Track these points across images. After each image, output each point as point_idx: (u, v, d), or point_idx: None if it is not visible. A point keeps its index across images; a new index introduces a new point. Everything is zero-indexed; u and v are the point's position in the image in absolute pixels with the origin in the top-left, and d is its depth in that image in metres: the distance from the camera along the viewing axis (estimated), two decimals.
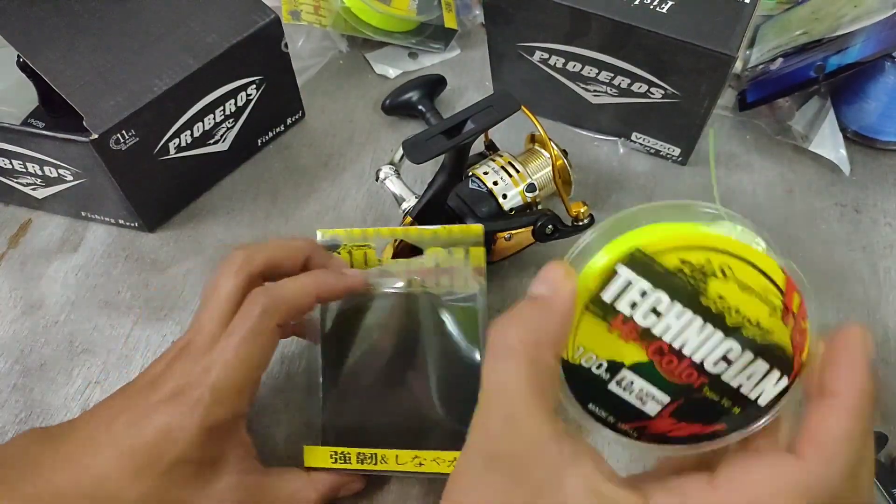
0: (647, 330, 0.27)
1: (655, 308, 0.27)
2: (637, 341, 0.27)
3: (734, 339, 0.27)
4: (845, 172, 0.55)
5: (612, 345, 0.28)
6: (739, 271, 0.26)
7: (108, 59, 0.47)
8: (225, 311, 0.36)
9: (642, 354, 0.27)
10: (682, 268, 0.26)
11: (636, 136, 0.56)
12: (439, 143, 0.40)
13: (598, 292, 0.27)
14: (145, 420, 0.33)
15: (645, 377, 0.28)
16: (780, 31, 0.60)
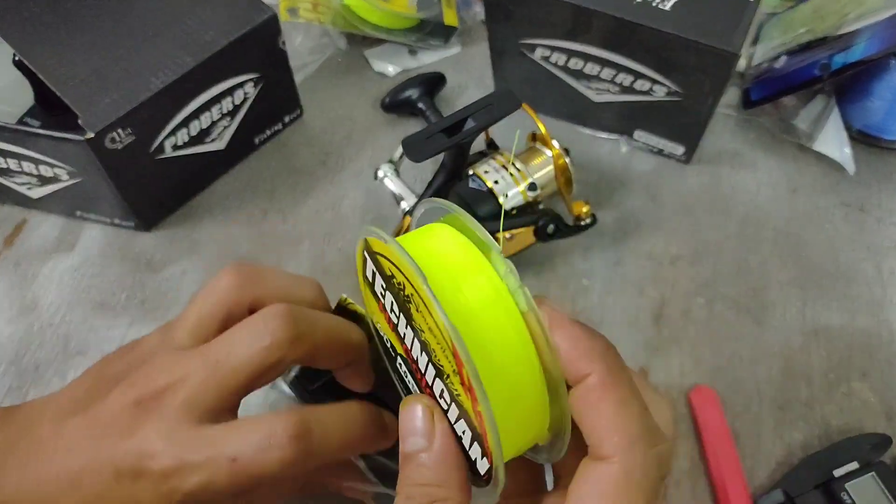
0: (395, 325, 0.25)
1: (392, 308, 0.24)
2: (395, 334, 0.25)
3: (442, 382, 0.23)
4: (850, 171, 0.55)
5: (385, 325, 0.26)
6: (423, 310, 0.22)
7: (104, 57, 0.46)
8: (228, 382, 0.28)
9: (400, 349, 0.25)
10: (392, 277, 0.23)
11: (639, 134, 0.56)
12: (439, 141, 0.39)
13: (364, 270, 0.25)
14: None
15: (410, 374, 0.25)
16: (784, 29, 0.59)
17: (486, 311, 0.22)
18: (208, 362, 0.28)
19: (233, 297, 0.30)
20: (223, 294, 0.30)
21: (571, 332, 0.23)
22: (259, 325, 0.28)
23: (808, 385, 0.46)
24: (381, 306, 0.25)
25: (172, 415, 0.27)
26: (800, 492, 0.41)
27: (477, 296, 0.22)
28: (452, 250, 0.24)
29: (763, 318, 0.49)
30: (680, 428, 0.44)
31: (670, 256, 0.51)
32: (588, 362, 0.23)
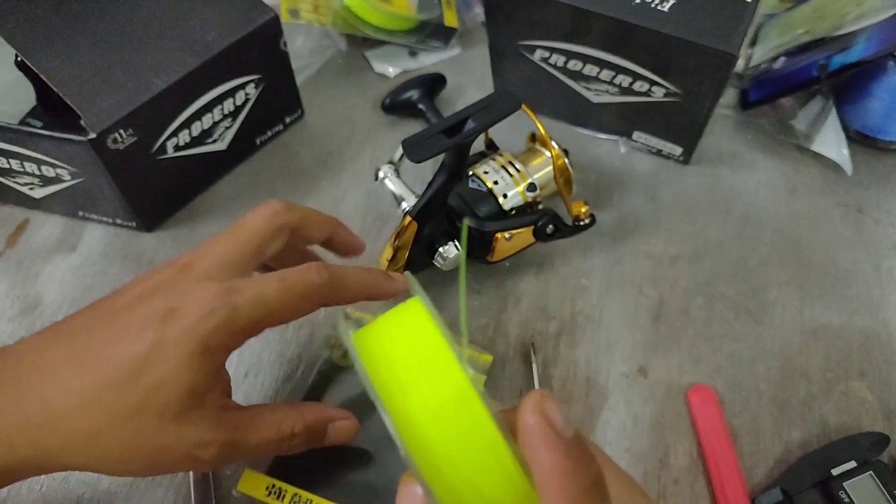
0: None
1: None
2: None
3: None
4: (848, 172, 0.55)
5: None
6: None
7: (106, 58, 0.47)
8: (246, 245, 0.34)
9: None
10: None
11: (638, 135, 0.56)
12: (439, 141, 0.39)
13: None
14: (134, 332, 0.30)
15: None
16: (783, 30, 0.59)
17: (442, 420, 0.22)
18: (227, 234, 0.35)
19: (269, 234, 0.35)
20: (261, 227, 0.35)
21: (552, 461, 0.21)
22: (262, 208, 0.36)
23: (806, 384, 0.46)
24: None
25: (205, 275, 0.33)
26: (798, 490, 0.41)
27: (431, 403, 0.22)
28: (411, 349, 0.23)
29: (762, 318, 0.49)
30: (678, 427, 0.45)
31: (669, 256, 0.52)
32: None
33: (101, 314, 0.32)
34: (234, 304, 0.31)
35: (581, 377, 0.46)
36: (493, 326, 0.48)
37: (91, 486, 0.42)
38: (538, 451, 0.21)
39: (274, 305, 0.32)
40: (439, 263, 0.47)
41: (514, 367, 0.46)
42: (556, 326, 0.48)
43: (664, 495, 0.42)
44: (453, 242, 0.47)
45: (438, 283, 0.50)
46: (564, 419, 0.22)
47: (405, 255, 0.46)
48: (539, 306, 0.49)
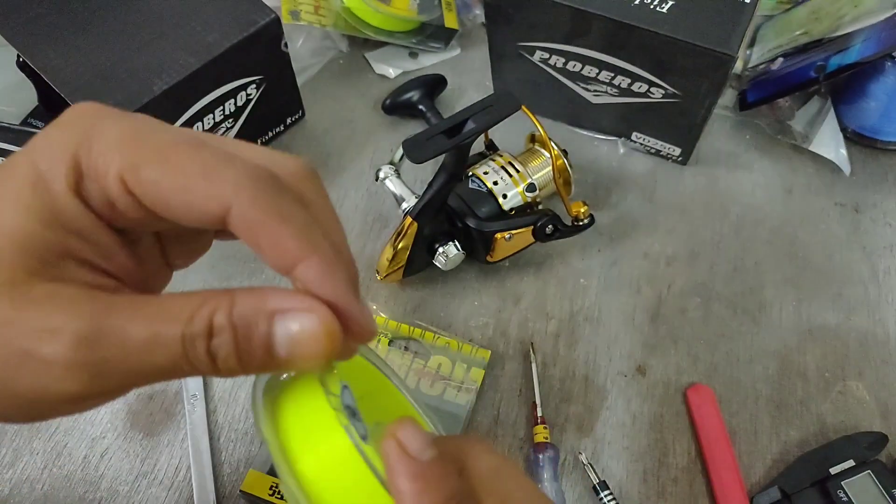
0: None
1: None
2: None
3: None
4: (845, 172, 0.55)
5: None
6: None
7: (108, 59, 0.47)
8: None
9: None
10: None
11: (636, 135, 0.56)
12: (439, 142, 0.40)
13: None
14: None
15: None
16: (781, 31, 0.60)
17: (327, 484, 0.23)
18: None
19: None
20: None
21: (405, 483, 0.21)
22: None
23: (803, 384, 0.46)
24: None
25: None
26: (796, 489, 0.41)
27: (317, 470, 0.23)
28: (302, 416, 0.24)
29: (759, 318, 0.49)
30: (677, 426, 0.45)
31: (667, 256, 0.52)
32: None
33: None
34: (95, 125, 0.21)
35: (580, 376, 0.46)
36: (492, 326, 0.48)
37: (93, 484, 0.42)
38: (393, 475, 0.21)
39: (148, 152, 0.21)
40: (439, 263, 0.48)
41: (514, 367, 0.47)
42: (555, 326, 0.48)
43: (663, 494, 0.42)
44: (453, 242, 0.47)
45: (439, 283, 0.50)
46: (421, 443, 0.21)
47: (405, 255, 0.47)
48: (538, 306, 0.49)
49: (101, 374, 0.19)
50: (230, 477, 0.42)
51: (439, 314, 0.49)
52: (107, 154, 0.20)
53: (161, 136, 0.21)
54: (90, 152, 0.20)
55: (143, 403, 0.45)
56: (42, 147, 0.21)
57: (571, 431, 0.44)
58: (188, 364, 0.20)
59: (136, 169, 0.20)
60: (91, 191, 0.20)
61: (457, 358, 0.46)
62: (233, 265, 0.51)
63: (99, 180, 0.20)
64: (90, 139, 0.20)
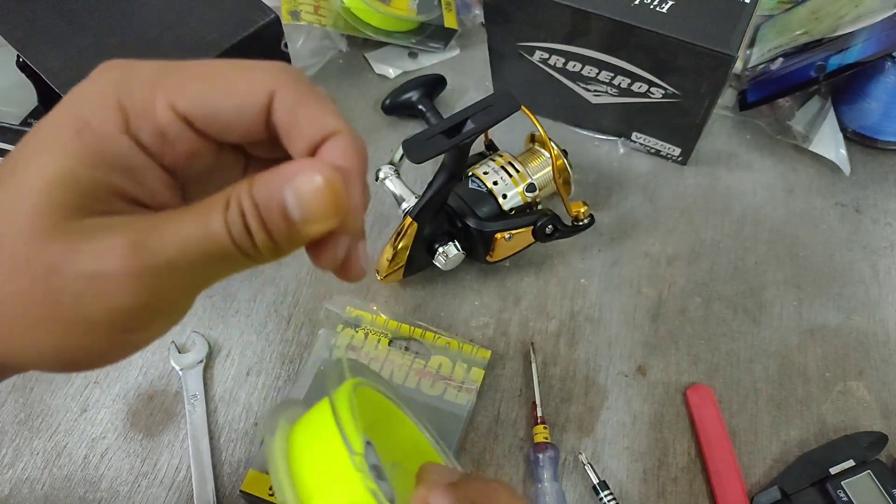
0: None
1: None
2: None
3: None
4: (845, 172, 0.55)
5: None
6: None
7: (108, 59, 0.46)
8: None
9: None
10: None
11: (636, 135, 0.56)
12: (439, 142, 0.40)
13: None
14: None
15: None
16: (781, 31, 0.60)
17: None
18: None
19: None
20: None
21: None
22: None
23: (804, 383, 0.46)
24: None
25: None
26: (796, 489, 0.41)
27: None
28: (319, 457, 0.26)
29: (760, 318, 0.49)
30: (677, 426, 0.45)
31: (667, 256, 0.52)
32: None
33: None
34: (130, 70, 0.22)
35: (580, 376, 0.46)
36: (493, 326, 0.48)
37: (94, 484, 0.42)
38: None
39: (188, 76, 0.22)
40: (439, 263, 0.48)
41: (514, 367, 0.47)
42: (556, 326, 0.48)
43: (663, 494, 0.42)
44: (453, 242, 0.47)
45: (439, 283, 0.50)
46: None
47: (405, 255, 0.47)
48: (539, 306, 0.49)
49: (160, 275, 0.20)
50: (230, 477, 0.42)
51: (439, 314, 0.49)
52: (149, 90, 0.21)
53: (189, 64, 0.22)
54: (132, 93, 0.21)
55: (143, 403, 0.45)
56: (81, 98, 0.22)
57: (571, 431, 0.44)
58: (235, 248, 0.21)
59: (183, 91, 0.21)
60: (140, 128, 0.21)
61: (457, 358, 0.46)
62: None
63: (147, 115, 0.21)
64: (128, 82, 0.21)
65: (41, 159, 0.21)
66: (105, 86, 0.22)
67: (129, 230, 0.20)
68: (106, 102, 0.21)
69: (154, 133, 0.22)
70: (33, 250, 0.20)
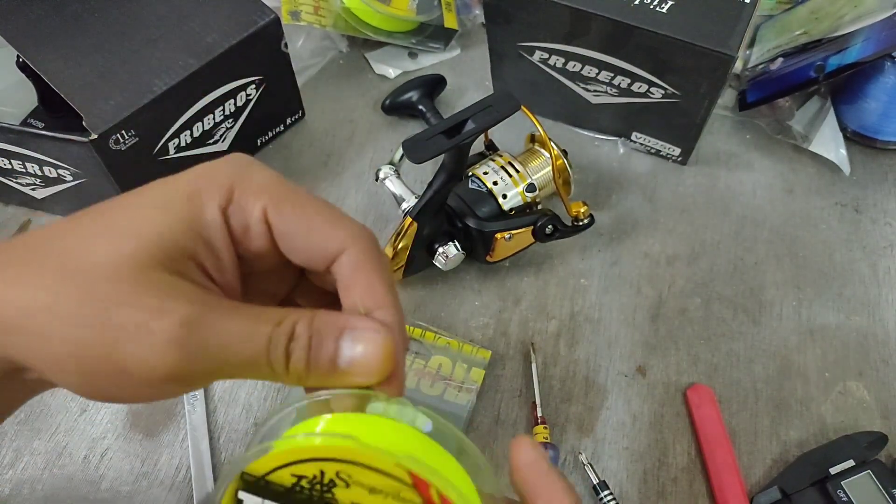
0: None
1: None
2: None
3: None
4: (845, 172, 0.55)
5: None
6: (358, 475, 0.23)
7: (108, 59, 0.47)
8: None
9: None
10: (298, 484, 0.24)
11: (636, 135, 0.56)
12: (439, 142, 0.40)
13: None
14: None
15: None
16: (780, 31, 0.60)
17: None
18: None
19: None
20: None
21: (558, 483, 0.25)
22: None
23: (804, 384, 0.46)
24: None
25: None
26: (796, 489, 0.41)
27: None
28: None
29: (759, 318, 0.49)
30: (677, 426, 0.45)
31: (667, 256, 0.52)
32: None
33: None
34: (249, 168, 0.26)
35: (580, 376, 0.46)
36: (493, 326, 0.48)
37: (94, 484, 0.42)
38: (543, 478, 0.24)
39: (286, 197, 0.25)
40: (439, 263, 0.48)
41: (514, 367, 0.47)
42: (556, 326, 0.48)
43: (663, 494, 0.42)
44: (453, 242, 0.47)
45: (439, 283, 0.50)
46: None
47: (405, 255, 0.47)
48: (539, 306, 0.49)
49: (195, 355, 0.22)
50: None
51: (439, 314, 0.49)
52: (257, 192, 0.25)
53: (297, 188, 0.26)
54: (243, 187, 0.25)
55: (143, 404, 0.45)
56: (204, 174, 0.25)
57: (571, 431, 0.44)
58: (267, 362, 0.23)
59: (279, 206, 0.25)
60: (234, 215, 0.25)
61: (457, 358, 0.46)
62: None
63: (245, 209, 0.25)
64: (245, 178, 0.25)
65: (155, 213, 0.24)
66: (226, 172, 0.25)
67: (190, 303, 0.23)
68: (222, 183, 0.25)
69: (242, 223, 0.25)
70: (107, 284, 0.22)
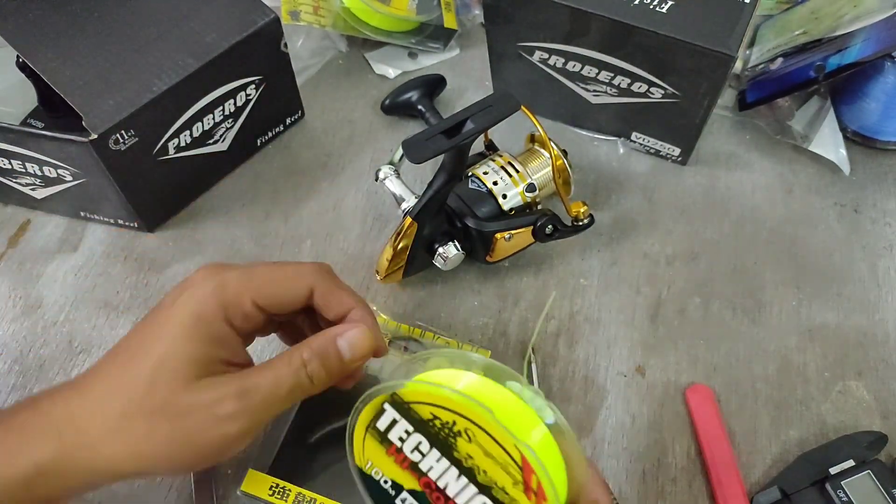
0: (415, 464, 0.29)
1: (418, 447, 0.29)
2: (410, 471, 0.29)
3: (486, 496, 0.28)
4: (845, 172, 0.55)
5: (392, 467, 0.30)
6: (481, 438, 0.27)
7: (108, 59, 0.47)
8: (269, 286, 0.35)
9: (415, 484, 0.29)
10: (433, 419, 0.28)
11: (636, 135, 0.56)
12: (439, 142, 0.40)
13: (373, 421, 0.29)
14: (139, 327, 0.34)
15: (416, 501, 0.29)
16: (780, 31, 0.60)
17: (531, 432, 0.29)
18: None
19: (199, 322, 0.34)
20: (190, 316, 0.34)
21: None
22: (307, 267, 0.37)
23: (803, 383, 0.46)
24: (394, 450, 0.29)
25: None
26: (796, 489, 0.41)
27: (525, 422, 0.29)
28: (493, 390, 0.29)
29: (759, 318, 0.49)
30: (677, 426, 0.45)
31: (667, 256, 0.52)
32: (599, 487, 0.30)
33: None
34: (223, 277, 0.34)
35: (579, 376, 0.46)
36: (492, 326, 0.48)
37: None
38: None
39: (259, 277, 0.34)
40: (439, 263, 0.48)
41: (514, 367, 0.47)
42: (555, 326, 0.48)
43: (662, 494, 0.42)
44: (453, 243, 0.47)
45: (439, 283, 0.50)
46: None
47: (405, 255, 0.47)
48: (538, 306, 0.49)
49: (254, 411, 0.32)
50: (230, 477, 0.42)
51: (439, 314, 0.49)
52: (240, 290, 0.34)
53: (261, 271, 0.35)
54: (227, 295, 0.33)
55: None
56: (195, 298, 0.33)
57: None
58: (299, 389, 0.33)
59: (260, 292, 0.34)
60: (234, 315, 0.34)
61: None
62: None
63: (240, 307, 0.34)
64: (224, 286, 0.33)
65: (175, 341, 0.32)
66: (208, 290, 0.33)
67: (234, 384, 0.32)
68: (211, 301, 0.33)
69: (242, 317, 0.34)
70: (173, 401, 0.31)
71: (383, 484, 0.30)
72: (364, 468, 0.30)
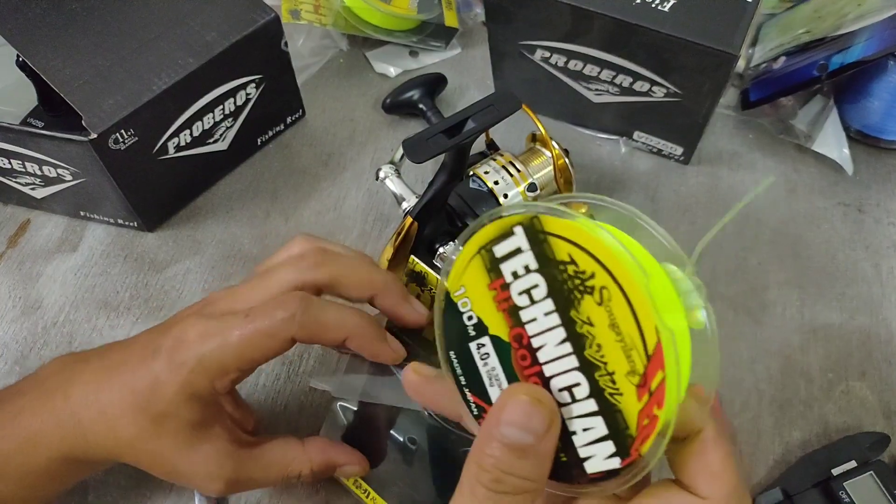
0: (517, 308, 0.24)
1: (531, 291, 0.24)
2: (505, 315, 0.25)
3: (585, 375, 0.24)
4: (848, 172, 0.55)
5: (486, 304, 0.25)
6: (617, 304, 0.22)
7: (107, 59, 0.47)
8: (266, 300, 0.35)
9: (505, 332, 0.25)
10: (567, 263, 0.23)
11: (638, 135, 0.56)
12: (440, 142, 0.40)
13: (493, 242, 0.24)
14: (142, 368, 0.34)
15: (500, 357, 0.25)
16: (783, 30, 0.59)
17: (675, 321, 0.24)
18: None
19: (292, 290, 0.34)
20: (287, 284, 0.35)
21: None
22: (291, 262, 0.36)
23: (806, 384, 0.46)
24: (499, 284, 0.24)
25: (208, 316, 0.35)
26: (798, 490, 0.41)
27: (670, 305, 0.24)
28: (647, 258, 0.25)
29: (762, 318, 0.49)
30: None
31: None
32: (707, 418, 0.26)
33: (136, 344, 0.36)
34: (200, 352, 0.33)
35: None
36: None
37: (99, 481, 0.42)
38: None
39: (237, 348, 0.32)
40: (440, 264, 0.47)
41: None
42: None
43: None
44: (453, 242, 0.47)
45: None
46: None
47: (406, 255, 0.46)
48: None
49: (239, 490, 0.36)
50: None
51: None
52: (212, 366, 0.33)
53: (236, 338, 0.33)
54: (207, 370, 0.33)
55: None
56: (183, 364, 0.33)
57: None
58: (284, 485, 0.40)
59: (240, 362, 0.33)
60: (218, 384, 0.33)
61: None
62: (232, 265, 0.51)
63: (222, 377, 0.33)
64: (201, 363, 0.33)
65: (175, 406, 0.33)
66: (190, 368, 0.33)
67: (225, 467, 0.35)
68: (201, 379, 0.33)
69: (226, 382, 0.34)
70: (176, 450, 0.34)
71: (466, 319, 0.26)
72: (453, 293, 0.26)
